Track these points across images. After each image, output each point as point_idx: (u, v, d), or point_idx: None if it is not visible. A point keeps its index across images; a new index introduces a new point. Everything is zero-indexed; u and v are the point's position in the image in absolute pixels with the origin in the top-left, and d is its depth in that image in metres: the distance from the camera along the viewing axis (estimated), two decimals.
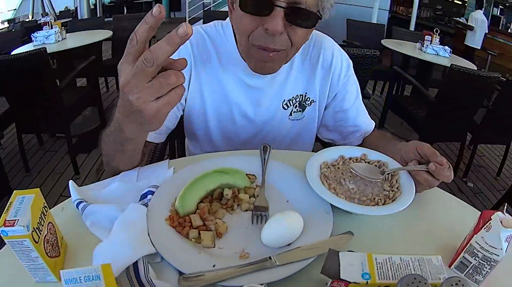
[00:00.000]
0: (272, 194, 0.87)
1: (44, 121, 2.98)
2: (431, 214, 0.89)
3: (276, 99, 1.17)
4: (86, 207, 0.77)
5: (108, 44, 4.67)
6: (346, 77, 1.22)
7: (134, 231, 0.70)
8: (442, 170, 0.84)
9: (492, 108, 3.22)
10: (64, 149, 3.47)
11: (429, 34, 4.24)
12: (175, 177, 0.89)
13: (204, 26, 1.16)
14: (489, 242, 0.65)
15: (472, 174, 3.66)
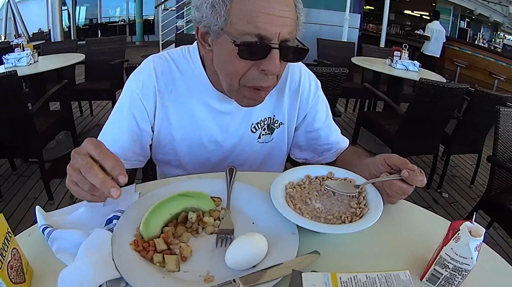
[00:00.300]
0: (237, 216, 0.86)
1: (16, 146, 2.91)
2: (401, 228, 0.90)
3: (244, 123, 1.17)
4: (51, 232, 0.75)
5: (81, 67, 4.64)
6: (315, 97, 1.24)
7: (98, 255, 0.69)
8: (415, 175, 0.86)
9: (463, 119, 3.30)
10: (37, 174, 3.39)
11: (398, 50, 4.34)
12: (140, 201, 0.88)
13: (170, 51, 1.16)
14: (458, 253, 0.65)
15: (447, 185, 3.74)
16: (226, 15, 0.87)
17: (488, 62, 8.16)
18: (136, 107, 1.10)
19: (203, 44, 0.99)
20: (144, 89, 1.09)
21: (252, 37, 0.86)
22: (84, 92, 4.49)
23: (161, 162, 1.26)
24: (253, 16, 0.84)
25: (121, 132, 1.10)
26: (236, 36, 0.87)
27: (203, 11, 0.90)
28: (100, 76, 4.39)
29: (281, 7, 0.86)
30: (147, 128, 1.13)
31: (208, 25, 0.91)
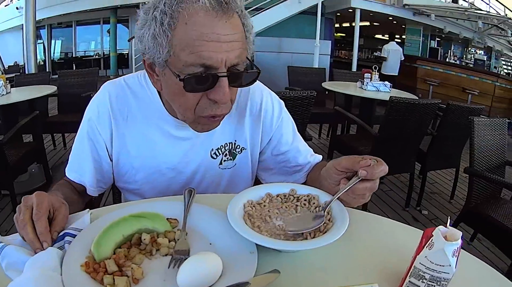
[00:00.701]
0: (194, 237, 0.83)
1: None
2: (371, 242, 0.86)
3: (203, 148, 1.14)
4: (3, 248, 0.74)
5: (54, 101, 4.60)
6: (279, 119, 1.21)
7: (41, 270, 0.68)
8: (373, 169, 0.82)
9: (437, 134, 3.33)
10: (9, 207, 3.27)
11: (368, 72, 4.43)
12: (94, 223, 0.84)
13: (126, 77, 1.13)
14: (434, 261, 0.61)
15: (426, 202, 3.74)
16: (169, 46, 0.83)
17: (461, 78, 8.39)
18: (93, 134, 1.09)
19: (151, 73, 0.96)
20: (99, 116, 1.08)
21: (197, 67, 0.82)
22: (57, 124, 4.42)
23: (123, 189, 1.24)
24: (196, 46, 0.81)
25: (85, 159, 1.11)
26: (181, 68, 0.84)
27: (145, 42, 0.87)
28: (73, 108, 4.33)
29: (225, 31, 0.82)
30: (105, 157, 1.12)
31: (152, 57, 0.87)
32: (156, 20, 0.83)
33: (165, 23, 0.82)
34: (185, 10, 0.81)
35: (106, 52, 15.21)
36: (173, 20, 0.82)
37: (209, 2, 0.80)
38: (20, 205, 0.81)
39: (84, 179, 1.12)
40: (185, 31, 0.81)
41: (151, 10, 0.85)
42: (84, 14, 13.77)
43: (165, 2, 0.83)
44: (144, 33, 0.86)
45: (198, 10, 0.81)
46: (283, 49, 8.90)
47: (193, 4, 0.81)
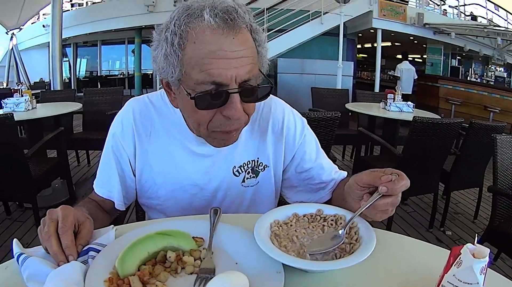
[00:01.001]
0: (220, 256, 0.82)
1: (10, 189, 2.90)
2: (398, 262, 0.84)
3: (225, 166, 1.14)
4: (25, 259, 0.75)
5: (79, 118, 4.70)
6: (302, 137, 1.20)
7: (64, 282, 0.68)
8: (394, 184, 0.80)
9: (460, 153, 3.28)
10: (31, 220, 3.35)
11: (391, 93, 4.39)
12: (118, 240, 0.84)
13: (150, 94, 1.16)
14: (462, 279, 0.59)
15: (449, 222, 3.66)
16: (180, 65, 0.85)
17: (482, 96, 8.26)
18: (117, 149, 1.12)
19: (169, 92, 0.98)
20: (123, 131, 1.10)
21: (208, 85, 0.84)
22: (81, 141, 4.51)
23: (145, 206, 1.25)
24: (205, 64, 0.82)
25: (112, 174, 1.13)
26: (193, 86, 0.85)
27: (159, 62, 0.89)
28: (97, 126, 4.43)
29: (234, 48, 0.83)
30: (128, 172, 1.14)
31: (166, 76, 0.90)
32: (167, 40, 0.85)
33: (175, 43, 0.84)
34: (193, 29, 0.83)
35: (130, 72, 15.59)
36: (183, 40, 0.84)
37: (214, 20, 0.82)
38: (45, 217, 0.82)
39: (112, 194, 1.14)
40: (194, 50, 0.83)
41: (163, 31, 0.88)
42: (109, 33, 14.16)
43: (174, 22, 0.85)
44: (157, 53, 0.89)
45: (204, 29, 0.82)
46: (306, 71, 8.97)
47: (199, 23, 0.83)
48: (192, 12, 0.84)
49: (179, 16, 0.85)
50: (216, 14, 0.82)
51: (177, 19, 0.85)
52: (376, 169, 0.86)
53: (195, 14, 0.83)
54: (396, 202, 0.83)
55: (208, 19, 0.81)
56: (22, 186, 2.86)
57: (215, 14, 0.82)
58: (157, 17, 11.05)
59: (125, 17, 11.90)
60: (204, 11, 0.82)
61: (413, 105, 4.32)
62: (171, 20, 0.86)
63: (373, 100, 5.15)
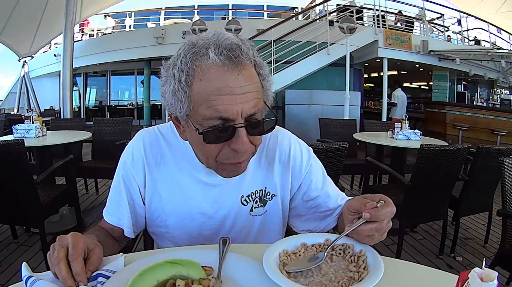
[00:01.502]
0: (229, 286, 0.81)
1: (18, 214, 2.93)
2: None
3: (233, 195, 1.15)
4: (34, 282, 0.76)
5: (89, 146, 4.76)
6: (308, 165, 1.22)
7: None
8: (378, 211, 0.85)
9: (469, 179, 3.26)
10: (38, 245, 3.36)
11: (399, 121, 4.40)
12: (127, 267, 0.85)
13: (160, 126, 1.19)
14: None
15: (460, 248, 3.61)
16: (188, 101, 0.88)
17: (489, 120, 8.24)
18: (127, 178, 1.14)
19: (177, 125, 1.01)
20: (134, 160, 1.12)
21: (215, 120, 0.86)
22: (90, 169, 4.54)
23: (154, 234, 1.25)
24: (211, 100, 0.85)
25: (122, 202, 1.15)
26: (200, 121, 0.88)
27: (167, 98, 0.92)
28: (106, 155, 4.50)
29: (239, 84, 0.86)
30: (138, 200, 1.16)
31: (174, 112, 0.93)
32: (174, 77, 0.89)
33: (182, 80, 0.87)
34: (199, 67, 0.86)
35: (139, 102, 15.76)
36: (189, 77, 0.87)
37: (219, 58, 0.84)
38: (54, 243, 0.83)
39: (122, 221, 1.15)
40: (200, 87, 0.86)
41: (170, 68, 0.91)
42: (119, 64, 14.44)
43: (181, 60, 0.88)
44: (166, 89, 0.92)
45: (210, 67, 0.85)
46: (314, 101, 9.02)
47: (205, 61, 0.85)
48: (197, 50, 0.87)
49: (186, 54, 0.88)
50: (220, 52, 0.85)
51: (184, 57, 0.88)
52: (366, 195, 0.92)
53: (200, 52, 0.86)
54: (381, 229, 0.86)
55: (213, 57, 0.84)
56: (30, 211, 2.89)
57: (219, 52, 0.85)
58: (166, 49, 11.30)
59: (134, 48, 12.16)
60: (209, 49, 0.85)
61: (420, 133, 4.32)
62: (178, 57, 0.89)
63: (380, 129, 5.17)
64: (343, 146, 2.46)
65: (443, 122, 9.06)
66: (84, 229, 3.17)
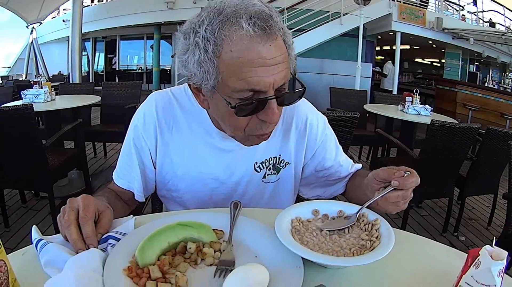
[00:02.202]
0: (240, 249, 0.82)
1: (27, 178, 2.96)
2: (415, 262, 0.85)
3: (247, 161, 1.14)
4: (44, 245, 0.76)
5: (97, 110, 4.76)
6: (323, 135, 1.21)
7: (82, 270, 0.68)
8: (406, 180, 0.87)
9: (477, 159, 3.24)
10: (46, 209, 3.41)
11: (410, 95, 4.34)
12: (138, 230, 0.85)
13: (173, 88, 1.16)
14: (480, 280, 0.60)
15: (463, 228, 3.63)
16: (216, 73, 0.83)
17: (499, 103, 8.12)
18: (138, 142, 1.12)
19: (197, 94, 0.96)
20: (145, 124, 1.10)
21: (245, 92, 0.83)
22: (98, 133, 4.57)
23: (164, 198, 1.25)
24: (243, 72, 0.81)
25: (133, 166, 1.14)
26: (229, 93, 0.84)
27: (190, 69, 0.87)
28: (115, 119, 4.51)
29: (271, 55, 0.82)
30: (149, 164, 1.14)
31: (199, 83, 0.88)
32: (199, 46, 0.83)
33: (209, 50, 0.82)
34: (229, 37, 0.81)
35: (148, 67, 15.68)
36: (218, 47, 0.81)
37: (253, 29, 0.80)
38: (65, 206, 0.83)
39: (132, 185, 1.15)
40: (231, 58, 0.81)
41: (191, 35, 0.85)
42: (128, 29, 14.28)
43: (205, 28, 0.82)
44: (188, 59, 0.86)
45: (242, 37, 0.80)
46: (325, 71, 8.92)
47: (236, 31, 0.80)
48: (225, 18, 0.81)
49: (211, 22, 0.82)
50: (254, 23, 0.80)
51: (209, 25, 0.82)
52: (392, 167, 0.92)
53: (230, 21, 0.81)
54: (406, 196, 0.89)
55: (246, 27, 0.79)
56: (39, 176, 2.91)
57: (253, 22, 0.80)
58: (177, 14, 11.14)
59: (144, 13, 12.02)
60: (241, 19, 0.80)
61: (431, 109, 4.27)
62: (200, 24, 0.83)
63: (391, 102, 5.10)
64: (354, 116, 2.45)
65: (453, 101, 8.95)
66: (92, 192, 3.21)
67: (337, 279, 0.75)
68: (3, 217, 3.06)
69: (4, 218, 3.07)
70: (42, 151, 2.81)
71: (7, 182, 3.02)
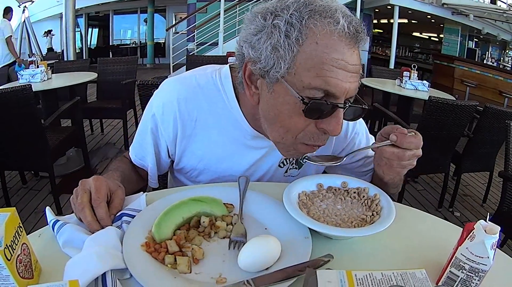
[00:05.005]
0: (250, 222, 0.86)
1: (27, 159, 2.96)
2: (414, 234, 0.89)
3: (274, 159, 1.09)
4: (62, 226, 0.77)
5: (94, 87, 4.73)
6: (353, 132, 1.14)
7: (102, 247, 0.70)
8: (405, 137, 0.84)
9: (473, 137, 3.27)
10: (47, 188, 3.43)
11: (407, 70, 4.35)
12: (152, 206, 0.88)
13: (199, 76, 1.03)
14: (474, 252, 0.64)
15: (458, 204, 3.69)
16: (291, 61, 0.76)
17: (498, 81, 8.08)
18: (156, 131, 1.06)
19: (249, 85, 0.88)
20: (164, 115, 1.02)
21: (319, 92, 0.77)
22: (95, 110, 4.55)
23: (178, 181, 1.21)
24: (324, 70, 0.75)
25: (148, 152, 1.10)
26: (300, 88, 0.77)
27: (261, 51, 0.79)
28: (112, 95, 4.47)
29: (353, 61, 0.77)
30: (163, 154, 1.10)
31: (265, 68, 0.79)
32: (280, 30, 0.76)
33: (292, 36, 0.75)
34: (317, 28, 0.75)
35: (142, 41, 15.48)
36: (302, 35, 0.75)
37: (347, 27, 0.75)
38: (77, 188, 0.84)
39: (147, 167, 1.13)
40: (315, 51, 0.75)
41: (269, 17, 0.79)
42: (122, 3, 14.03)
43: (291, 13, 0.76)
44: (260, 40, 0.79)
45: (333, 32, 0.75)
46: None
47: (329, 25, 0.75)
48: (318, 9, 0.76)
49: (299, 8, 0.76)
50: (350, 22, 0.76)
51: (296, 10, 0.76)
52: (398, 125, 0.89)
53: (324, 12, 0.76)
54: (401, 157, 0.86)
55: (343, 24, 0.75)
56: (40, 156, 2.91)
57: (349, 21, 0.76)
58: None
59: None
60: (338, 15, 0.76)
61: (428, 84, 4.28)
62: (284, 9, 0.77)
63: (388, 77, 5.11)
64: None
65: (451, 76, 8.91)
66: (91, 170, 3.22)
67: (340, 249, 0.79)
68: (5, 198, 3.08)
69: (6, 200, 3.08)
70: (42, 131, 2.81)
71: (8, 164, 3.03)
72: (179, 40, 8.79)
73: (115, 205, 0.85)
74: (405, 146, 0.84)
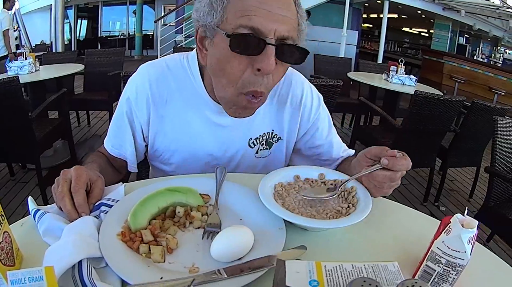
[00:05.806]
0: (225, 213, 0.87)
1: (14, 151, 2.94)
2: (392, 227, 0.89)
3: (242, 137, 1.15)
4: (42, 215, 0.78)
5: (81, 79, 4.69)
6: (317, 113, 1.21)
7: (78, 235, 0.71)
8: (396, 160, 0.86)
9: (460, 132, 3.29)
10: (34, 181, 3.41)
11: (395, 65, 4.38)
12: (129, 196, 0.88)
13: (168, 59, 1.12)
14: (451, 246, 0.63)
15: (444, 198, 3.72)
16: (222, 11, 0.84)
17: (488, 77, 8.16)
18: (130, 114, 1.11)
19: (201, 48, 0.96)
20: (137, 98, 1.08)
21: (246, 29, 0.83)
22: (82, 102, 4.52)
23: (156, 168, 1.25)
24: (248, 10, 0.82)
25: (126, 137, 1.13)
26: (230, 30, 0.84)
27: (201, 10, 0.89)
28: (98, 87, 4.44)
29: (279, 5, 0.84)
30: (139, 137, 1.14)
31: (204, 23, 0.89)
32: None
33: None
34: None
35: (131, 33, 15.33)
36: None
37: None
38: (59, 177, 0.85)
39: (125, 155, 1.16)
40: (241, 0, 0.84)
41: None
42: None
43: None
44: (201, 2, 0.89)
45: None
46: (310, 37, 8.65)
47: None
48: None
49: None
50: None
51: None
52: (386, 148, 0.91)
53: None
54: (394, 179, 0.88)
55: None
56: (27, 148, 2.90)
57: None
58: None
59: None
60: None
61: (416, 79, 4.31)
62: None
63: (375, 71, 5.13)
64: (337, 84, 2.47)
65: (440, 72, 8.98)
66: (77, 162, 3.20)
67: (315, 241, 0.80)
68: None
69: None
70: (29, 123, 2.79)
71: None
72: (168, 32, 8.76)
73: (94, 195, 0.87)
74: (396, 169, 0.87)
